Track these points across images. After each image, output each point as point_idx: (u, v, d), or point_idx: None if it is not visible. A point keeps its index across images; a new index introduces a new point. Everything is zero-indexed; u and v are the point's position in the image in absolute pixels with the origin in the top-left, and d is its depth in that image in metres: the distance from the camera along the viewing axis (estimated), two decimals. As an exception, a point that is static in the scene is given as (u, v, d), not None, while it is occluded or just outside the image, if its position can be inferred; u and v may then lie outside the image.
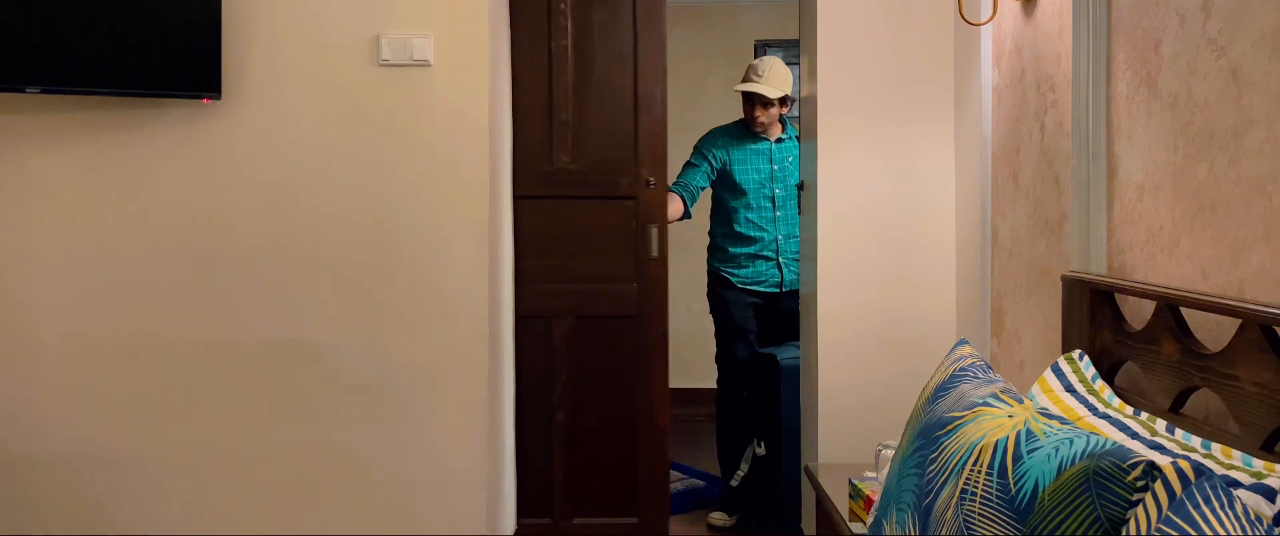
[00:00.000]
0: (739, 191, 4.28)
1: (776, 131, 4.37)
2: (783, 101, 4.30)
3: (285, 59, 3.14)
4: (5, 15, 2.93)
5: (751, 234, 4.29)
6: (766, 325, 4.37)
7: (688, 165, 4.34)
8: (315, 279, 3.16)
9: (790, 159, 4.32)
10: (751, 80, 4.27)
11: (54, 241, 3.13)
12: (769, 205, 4.30)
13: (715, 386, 6.52)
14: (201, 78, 3.04)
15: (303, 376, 3.17)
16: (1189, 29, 1.91)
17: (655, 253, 3.78)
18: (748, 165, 4.30)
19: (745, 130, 4.35)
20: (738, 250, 4.32)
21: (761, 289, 4.33)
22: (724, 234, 4.37)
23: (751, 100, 4.28)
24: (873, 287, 3.41)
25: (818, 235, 3.43)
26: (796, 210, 4.02)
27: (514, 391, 3.71)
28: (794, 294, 4.21)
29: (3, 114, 3.11)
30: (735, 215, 4.31)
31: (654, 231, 3.76)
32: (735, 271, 4.34)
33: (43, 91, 2.99)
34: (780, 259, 4.29)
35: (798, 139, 4.23)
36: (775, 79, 4.27)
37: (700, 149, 4.38)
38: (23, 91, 2.98)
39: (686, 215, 4.34)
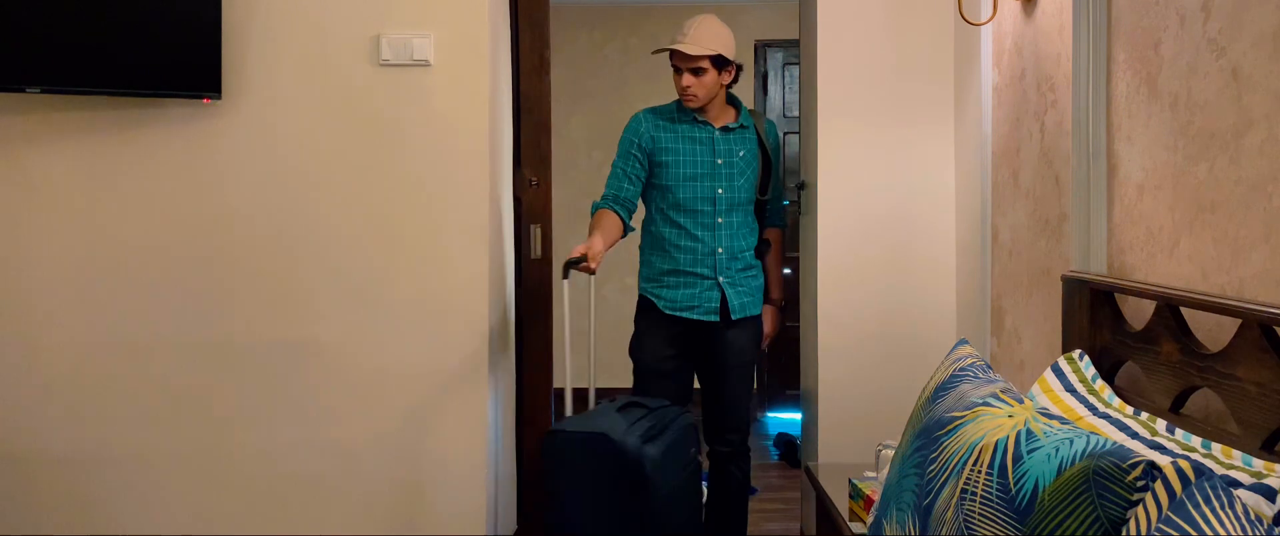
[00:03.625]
0: (667, 188, 3.26)
1: (725, 117, 3.31)
2: (720, 65, 3.21)
3: (285, 59, 3.14)
4: (6, 15, 2.93)
5: (682, 243, 3.24)
6: (700, 364, 3.35)
7: (612, 168, 3.33)
8: (315, 278, 3.16)
9: (742, 154, 3.28)
10: (676, 42, 3.21)
11: (54, 241, 3.13)
12: (708, 208, 3.24)
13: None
14: (201, 78, 3.04)
15: (303, 376, 3.17)
16: (1189, 29, 1.91)
17: (536, 254, 3.72)
18: (680, 154, 3.25)
19: (682, 111, 3.29)
20: (664, 265, 3.27)
21: (694, 317, 3.25)
22: (650, 243, 3.34)
23: (678, 68, 3.22)
24: (873, 288, 3.41)
25: (818, 235, 3.43)
26: (752, 219, 3.30)
27: (515, 390, 3.72)
28: (748, 321, 3.31)
29: (3, 114, 3.11)
30: (662, 218, 3.28)
31: (536, 232, 3.71)
32: (660, 293, 3.28)
33: (43, 91, 2.99)
34: (722, 278, 3.25)
35: (756, 129, 3.35)
36: (703, 36, 3.19)
37: (621, 141, 3.33)
38: (23, 91, 2.98)
39: (626, 231, 3.33)
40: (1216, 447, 1.62)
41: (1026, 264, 2.76)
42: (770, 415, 6.07)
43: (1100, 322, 2.19)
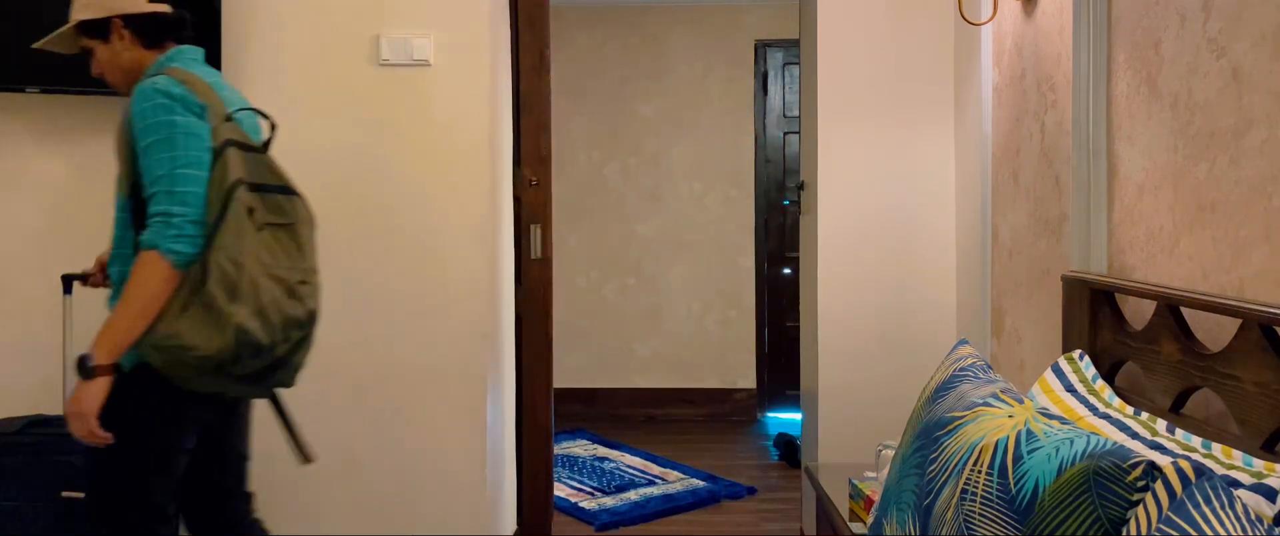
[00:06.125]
0: None
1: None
2: (101, 33, 2.31)
3: (285, 59, 3.14)
4: (6, 15, 2.93)
5: None
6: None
7: None
8: (315, 279, 3.16)
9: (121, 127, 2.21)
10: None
11: (54, 241, 3.13)
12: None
13: (716, 387, 6.48)
14: (201, 78, 3.04)
15: (303, 376, 3.16)
16: (1189, 29, 1.91)
17: (537, 254, 3.71)
18: None
19: None
20: None
21: None
22: None
23: None
24: (873, 287, 3.41)
25: (818, 235, 3.43)
26: (128, 225, 2.23)
27: (515, 391, 3.71)
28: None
29: (3, 114, 3.11)
30: None
31: (536, 231, 3.71)
32: None
33: (43, 91, 2.99)
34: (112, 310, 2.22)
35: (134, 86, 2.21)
36: (74, 9, 2.33)
37: None
38: (23, 91, 2.98)
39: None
40: (1217, 447, 1.62)
41: (1026, 264, 2.76)
42: (770, 415, 6.08)
43: (1100, 322, 2.19)
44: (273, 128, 2.38)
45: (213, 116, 2.20)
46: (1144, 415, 1.85)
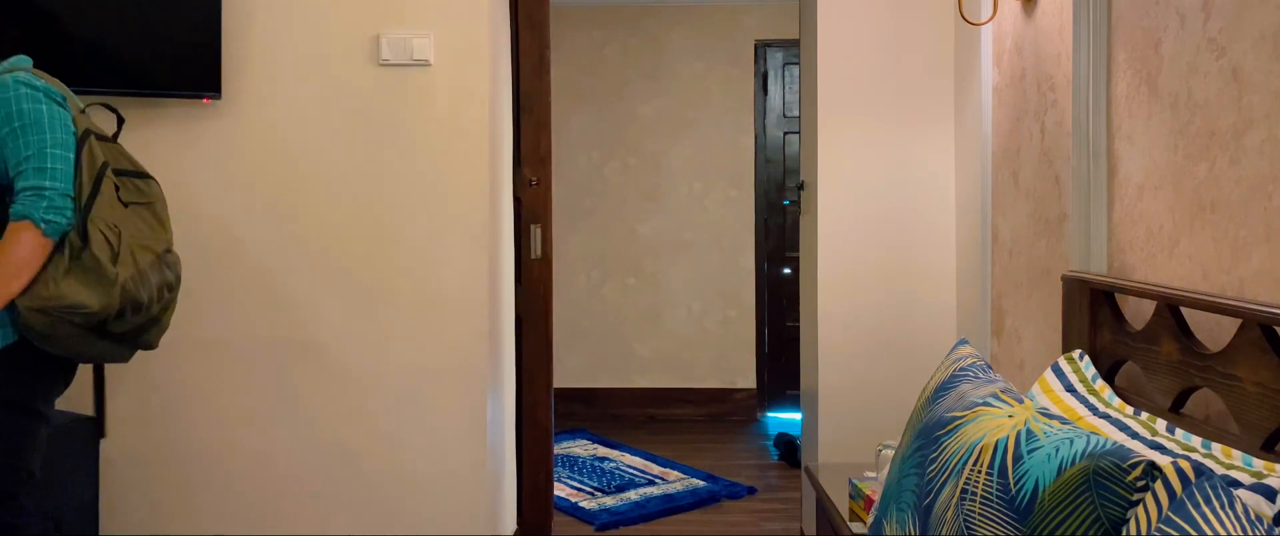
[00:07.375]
0: None
1: None
2: None
3: (285, 59, 3.14)
4: (5, 16, 2.93)
5: None
6: None
7: None
8: (315, 279, 3.16)
9: None
10: None
11: None
12: None
13: (716, 387, 6.50)
14: (201, 78, 3.04)
15: (302, 376, 3.17)
16: (1189, 29, 1.91)
17: (536, 254, 3.72)
18: None
19: None
20: None
21: None
22: None
23: None
24: (873, 288, 3.41)
25: (818, 235, 3.43)
26: None
27: (515, 391, 3.71)
28: None
29: None
30: None
31: (536, 232, 3.71)
32: None
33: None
34: None
35: None
36: None
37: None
38: (23, 91, 2.97)
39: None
40: (1216, 447, 1.62)
41: (1026, 264, 2.76)
42: (770, 415, 6.08)
43: (1100, 322, 2.19)
44: (120, 121, 2.56)
45: (72, 106, 2.34)
46: (1144, 415, 1.85)
